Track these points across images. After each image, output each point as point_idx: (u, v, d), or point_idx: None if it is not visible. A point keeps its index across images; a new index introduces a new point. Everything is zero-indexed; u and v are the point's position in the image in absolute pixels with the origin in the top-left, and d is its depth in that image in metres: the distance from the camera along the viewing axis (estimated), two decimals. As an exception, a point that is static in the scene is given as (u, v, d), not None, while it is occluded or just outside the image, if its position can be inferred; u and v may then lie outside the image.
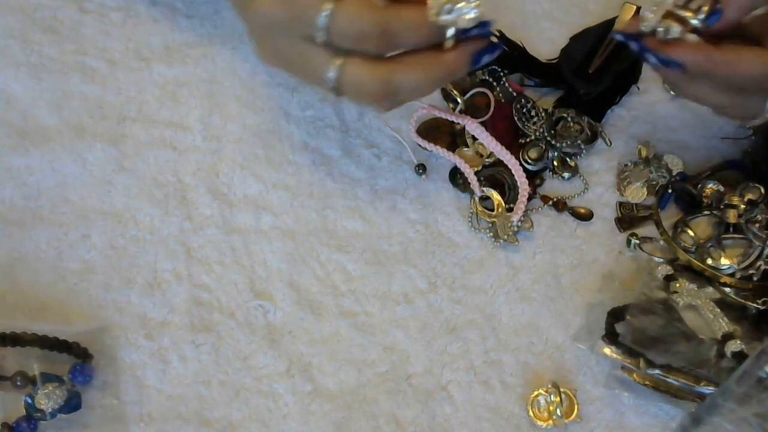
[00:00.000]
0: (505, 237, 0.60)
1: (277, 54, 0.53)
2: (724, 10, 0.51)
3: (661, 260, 0.59)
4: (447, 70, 0.52)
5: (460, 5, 0.49)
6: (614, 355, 0.56)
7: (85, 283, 0.59)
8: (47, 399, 0.53)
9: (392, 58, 0.51)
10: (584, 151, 0.63)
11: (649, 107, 0.65)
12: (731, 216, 0.59)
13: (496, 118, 0.63)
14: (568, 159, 0.63)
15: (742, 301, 0.57)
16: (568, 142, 0.62)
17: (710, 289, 0.57)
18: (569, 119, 0.63)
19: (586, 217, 0.61)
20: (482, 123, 0.62)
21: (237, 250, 0.60)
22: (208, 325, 0.59)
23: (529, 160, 0.62)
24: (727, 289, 0.58)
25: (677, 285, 0.57)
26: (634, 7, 0.65)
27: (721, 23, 0.51)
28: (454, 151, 0.63)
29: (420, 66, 0.51)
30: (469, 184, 0.61)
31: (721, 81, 0.53)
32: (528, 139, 0.63)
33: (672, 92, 0.65)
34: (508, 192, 0.62)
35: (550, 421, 0.56)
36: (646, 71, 0.65)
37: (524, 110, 0.63)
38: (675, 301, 0.57)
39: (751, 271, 0.58)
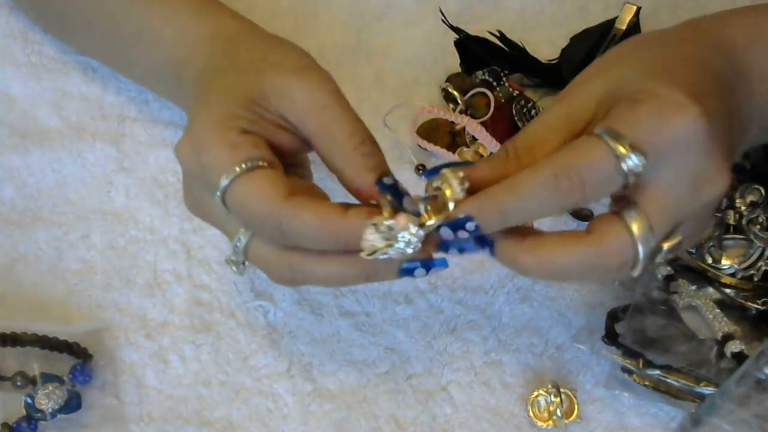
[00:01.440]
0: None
1: (197, 204, 0.50)
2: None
3: (661, 261, 0.59)
4: (366, 270, 0.45)
5: (400, 245, 0.43)
6: (614, 356, 0.56)
7: (85, 283, 0.59)
8: (47, 399, 0.53)
9: (296, 195, 0.45)
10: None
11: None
12: (732, 217, 0.59)
13: (496, 118, 0.63)
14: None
15: (743, 301, 0.57)
16: (569, 143, 0.62)
17: (710, 290, 0.57)
18: (569, 119, 0.63)
19: (586, 217, 0.61)
20: (482, 123, 0.62)
21: (237, 250, 0.60)
22: (208, 325, 0.59)
23: (530, 161, 0.62)
24: (728, 290, 0.58)
25: (677, 285, 0.57)
26: (635, 8, 0.65)
27: None
28: (454, 151, 0.63)
29: (333, 262, 0.45)
30: (470, 184, 0.61)
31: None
32: (528, 140, 0.63)
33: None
34: (509, 192, 0.62)
35: (551, 422, 0.56)
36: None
37: (524, 110, 0.63)
38: (675, 301, 0.57)
39: (751, 272, 0.58)
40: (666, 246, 0.43)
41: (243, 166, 0.45)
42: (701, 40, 0.48)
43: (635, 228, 0.42)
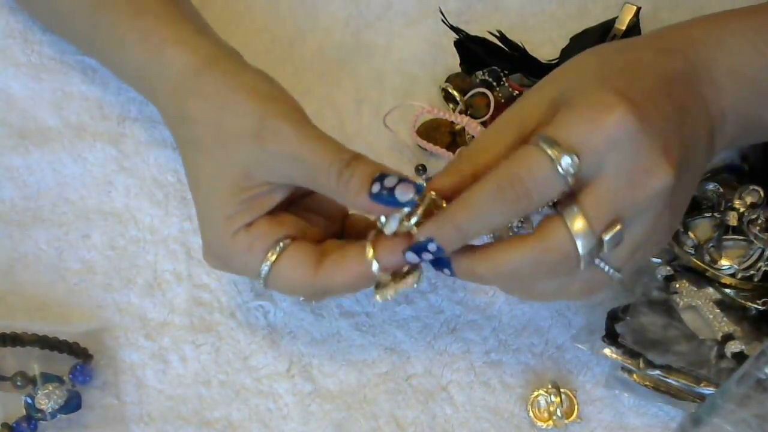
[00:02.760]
0: (506, 237, 0.60)
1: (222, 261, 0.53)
2: None
3: (661, 261, 0.59)
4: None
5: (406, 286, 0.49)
6: (614, 356, 0.56)
7: (85, 283, 0.59)
8: (47, 399, 0.53)
9: (323, 263, 0.50)
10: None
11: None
12: (732, 218, 0.59)
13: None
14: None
15: (743, 301, 0.57)
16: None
17: (710, 290, 0.57)
18: (569, 119, 0.63)
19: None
20: (482, 123, 0.62)
21: (237, 250, 0.60)
22: (209, 325, 0.59)
23: (529, 161, 0.62)
24: (728, 290, 0.58)
25: (677, 285, 0.57)
26: (635, 8, 0.65)
27: None
28: (454, 151, 0.63)
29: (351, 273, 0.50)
30: (469, 184, 0.61)
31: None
32: (528, 140, 0.63)
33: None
34: (508, 192, 0.62)
35: (551, 422, 0.56)
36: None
37: (524, 110, 0.63)
38: (675, 301, 0.57)
39: (751, 272, 0.58)
40: (606, 236, 0.45)
41: (268, 260, 0.50)
42: (655, 45, 0.51)
43: (572, 223, 0.45)
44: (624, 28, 0.64)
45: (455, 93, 0.64)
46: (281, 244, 0.50)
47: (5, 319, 0.56)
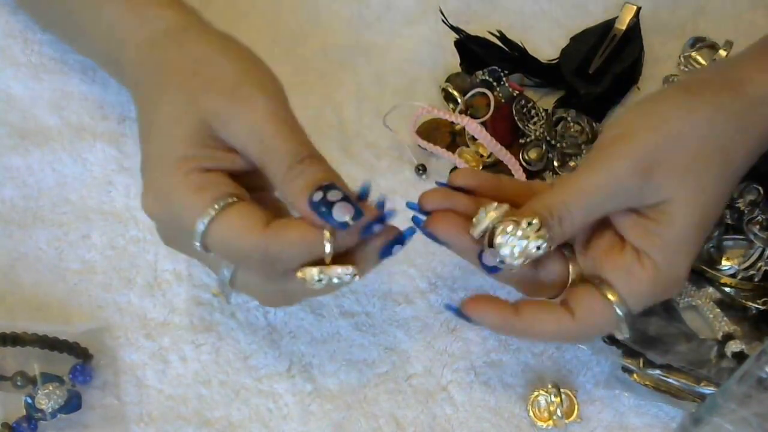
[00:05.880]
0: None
1: (175, 242, 0.51)
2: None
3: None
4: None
5: (336, 273, 0.46)
6: (614, 356, 0.56)
7: (85, 283, 0.59)
8: (47, 399, 0.53)
9: (271, 223, 0.46)
10: (584, 151, 0.63)
11: (649, 107, 0.65)
12: (731, 217, 0.59)
13: (496, 118, 0.63)
14: (568, 159, 0.63)
15: (743, 301, 0.57)
16: (569, 143, 0.62)
17: (710, 290, 0.57)
18: (569, 120, 0.63)
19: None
20: (482, 123, 0.62)
21: (237, 250, 0.60)
22: (208, 325, 0.59)
23: (529, 161, 0.62)
24: (728, 290, 0.58)
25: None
26: (635, 8, 0.65)
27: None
28: (454, 151, 0.63)
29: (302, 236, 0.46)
30: (470, 184, 0.61)
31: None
32: (528, 140, 0.63)
33: None
34: (509, 192, 0.62)
35: (551, 422, 0.56)
36: (646, 72, 0.65)
37: (524, 110, 0.63)
38: (675, 301, 0.57)
39: (752, 272, 0.58)
40: None
41: (215, 206, 0.45)
42: (731, 111, 0.49)
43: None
44: (624, 27, 0.64)
45: (455, 93, 0.64)
46: (232, 198, 0.46)
47: (5, 319, 0.56)
